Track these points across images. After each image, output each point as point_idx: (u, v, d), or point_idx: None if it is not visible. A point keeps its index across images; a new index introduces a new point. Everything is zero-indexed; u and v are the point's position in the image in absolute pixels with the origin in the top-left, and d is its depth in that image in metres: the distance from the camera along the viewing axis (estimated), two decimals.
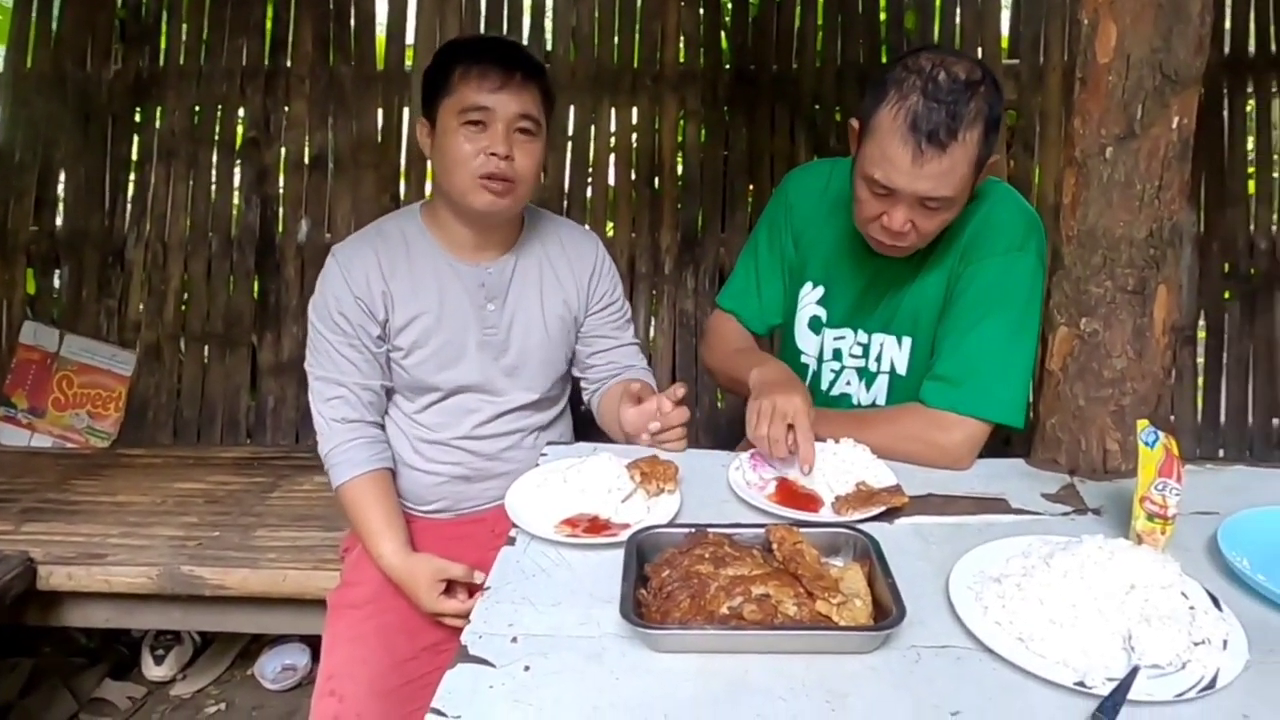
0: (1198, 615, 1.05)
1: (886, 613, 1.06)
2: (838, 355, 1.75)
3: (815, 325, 1.77)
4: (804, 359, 1.79)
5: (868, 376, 1.72)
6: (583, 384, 1.89)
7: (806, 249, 1.77)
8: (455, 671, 1.01)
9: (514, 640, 1.06)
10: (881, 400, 1.71)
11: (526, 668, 1.01)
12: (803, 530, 1.21)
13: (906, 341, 1.66)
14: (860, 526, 1.25)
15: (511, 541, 1.29)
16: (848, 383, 1.75)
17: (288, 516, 2.25)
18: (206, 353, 2.83)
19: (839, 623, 1.05)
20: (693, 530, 1.22)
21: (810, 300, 1.77)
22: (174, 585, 2.00)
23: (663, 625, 1.05)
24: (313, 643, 2.45)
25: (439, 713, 0.94)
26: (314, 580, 1.98)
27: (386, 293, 1.64)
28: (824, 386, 1.78)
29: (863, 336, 1.71)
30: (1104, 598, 1.04)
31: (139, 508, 2.29)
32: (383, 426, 1.72)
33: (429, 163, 2.76)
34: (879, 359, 1.70)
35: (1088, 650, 1.01)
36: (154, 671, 2.41)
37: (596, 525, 1.31)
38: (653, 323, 2.76)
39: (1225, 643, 1.03)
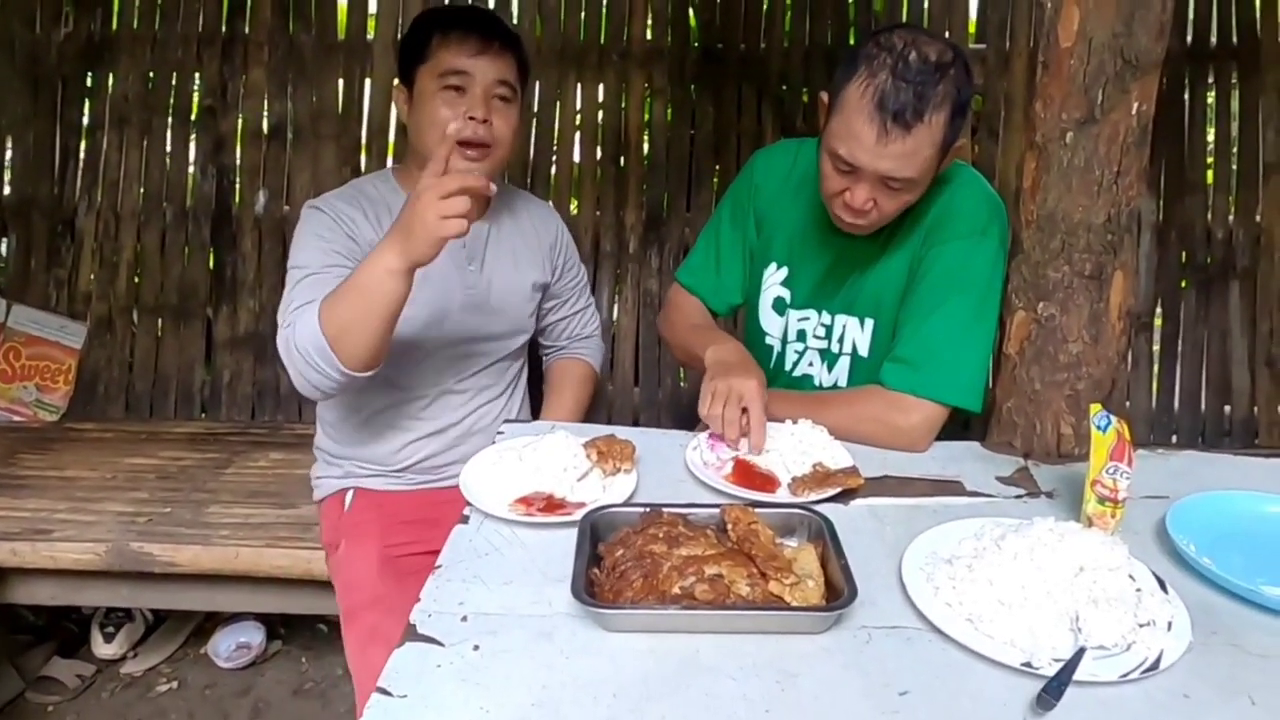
0: (1144, 597, 1.07)
1: (838, 594, 1.06)
2: (801, 336, 1.75)
3: (779, 306, 1.77)
4: (768, 340, 1.79)
5: (830, 358, 1.72)
6: (540, 343, 1.98)
7: (770, 230, 1.76)
8: (402, 650, 1.00)
9: (464, 619, 1.05)
10: (843, 382, 1.71)
11: (476, 647, 1.00)
12: (758, 511, 1.21)
13: (869, 323, 1.66)
14: (815, 508, 1.25)
15: (465, 520, 1.27)
16: (810, 364, 1.76)
17: (241, 493, 2.21)
18: (160, 325, 2.76)
19: (791, 603, 1.05)
20: (647, 510, 1.21)
21: (774, 281, 1.76)
22: (122, 562, 1.96)
23: (614, 604, 1.05)
24: (267, 621, 2.42)
25: (385, 692, 0.93)
26: (266, 558, 1.95)
27: (371, 243, 1.58)
28: (787, 367, 1.78)
29: (826, 318, 1.71)
30: (1053, 579, 1.06)
31: (88, 483, 2.24)
32: None
33: (390, 135, 2.76)
34: (841, 340, 1.70)
35: (1035, 631, 1.01)
36: (104, 649, 2.36)
37: (552, 504, 1.30)
38: (616, 302, 2.74)
39: (1170, 624, 1.04)
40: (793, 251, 1.73)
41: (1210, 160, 2.75)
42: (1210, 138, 2.76)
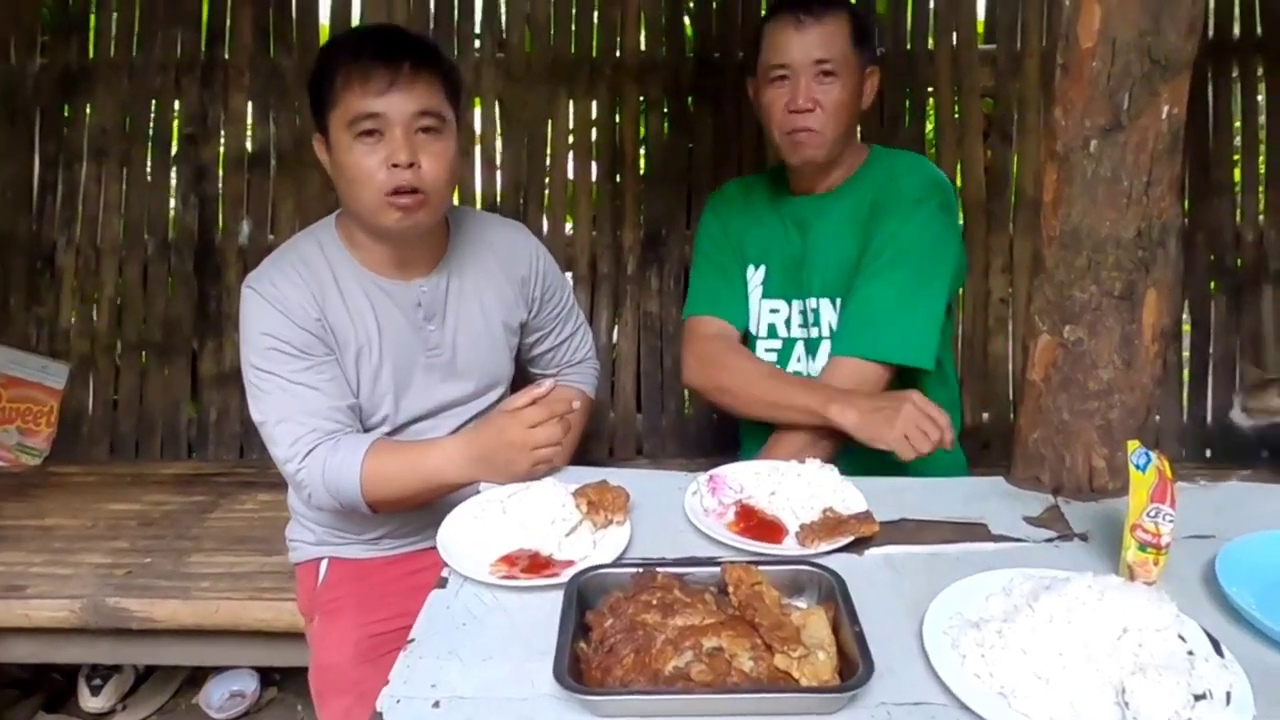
0: (1197, 662, 0.94)
1: (853, 664, 0.95)
2: (772, 331, 1.81)
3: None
4: (756, 340, 1.86)
5: (812, 345, 1.77)
6: (530, 370, 1.83)
7: (743, 240, 1.86)
8: None
9: (435, 705, 0.95)
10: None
11: None
12: (763, 568, 1.10)
13: (839, 302, 1.74)
14: (826, 562, 1.13)
15: (442, 584, 1.17)
16: (798, 359, 1.79)
17: (225, 539, 2.11)
18: (144, 363, 2.66)
19: (799, 680, 0.94)
20: (640, 571, 1.10)
21: (755, 281, 1.85)
22: (98, 619, 1.86)
23: (598, 690, 0.94)
24: (262, 668, 2.32)
25: None
26: (249, 611, 1.85)
27: (323, 322, 1.48)
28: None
29: (800, 305, 1.79)
30: (1094, 645, 0.94)
31: (66, 532, 2.15)
32: None
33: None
34: (817, 324, 1.76)
35: (1077, 706, 0.90)
36: (91, 703, 2.27)
37: (537, 563, 1.19)
38: (616, 326, 2.63)
39: (1228, 696, 0.92)
40: (764, 250, 1.83)
41: (1236, 158, 2.62)
42: (1235, 133, 2.63)
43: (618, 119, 2.65)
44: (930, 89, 2.60)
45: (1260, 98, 2.57)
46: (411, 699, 0.96)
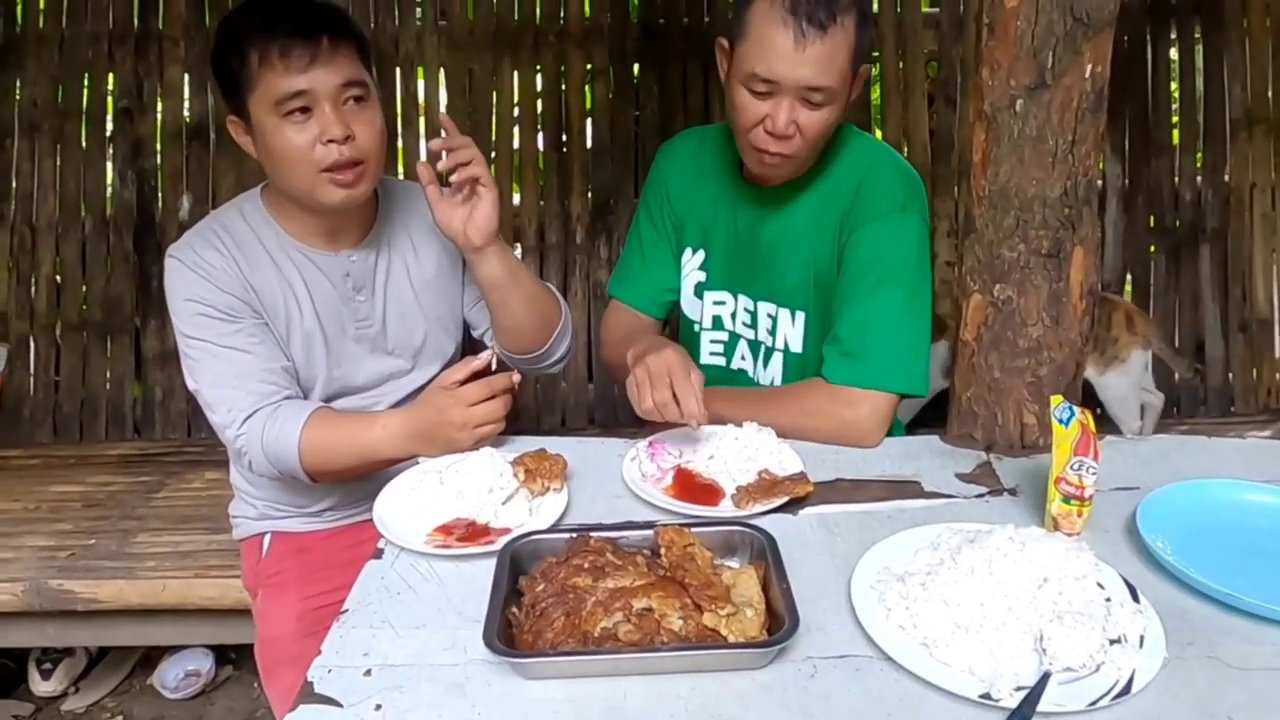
0: (1113, 609, 0.98)
1: (781, 621, 0.96)
2: (718, 323, 1.67)
3: (699, 291, 1.69)
4: (696, 328, 1.71)
5: (765, 353, 1.63)
6: (471, 329, 1.75)
7: (683, 215, 1.68)
8: (296, 715, 0.89)
9: (367, 673, 0.95)
10: (779, 379, 1.62)
11: (378, 706, 0.90)
12: (697, 530, 1.11)
13: (800, 316, 1.57)
14: (758, 523, 1.14)
15: (378, 555, 1.17)
16: (743, 356, 1.67)
17: (171, 519, 2.10)
18: (85, 342, 2.62)
19: (727, 637, 0.95)
20: (573, 536, 1.10)
21: (693, 266, 1.68)
22: (42, 601, 1.85)
23: (527, 652, 0.95)
24: (216, 645, 2.31)
25: None
26: (195, 590, 1.84)
27: (248, 286, 1.44)
28: (703, 357, 1.69)
29: (747, 303, 1.63)
30: (1014, 594, 0.97)
31: (9, 516, 2.12)
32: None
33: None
34: (772, 333, 1.61)
35: (996, 655, 0.93)
36: (42, 686, 2.24)
37: (474, 531, 1.19)
38: (565, 296, 2.62)
39: (1141, 639, 0.95)
40: (706, 233, 1.66)
41: (1175, 119, 2.65)
42: (1175, 95, 2.67)
43: (563, 87, 2.63)
44: (875, 54, 2.61)
45: (1198, 58, 2.60)
46: (343, 668, 0.96)
